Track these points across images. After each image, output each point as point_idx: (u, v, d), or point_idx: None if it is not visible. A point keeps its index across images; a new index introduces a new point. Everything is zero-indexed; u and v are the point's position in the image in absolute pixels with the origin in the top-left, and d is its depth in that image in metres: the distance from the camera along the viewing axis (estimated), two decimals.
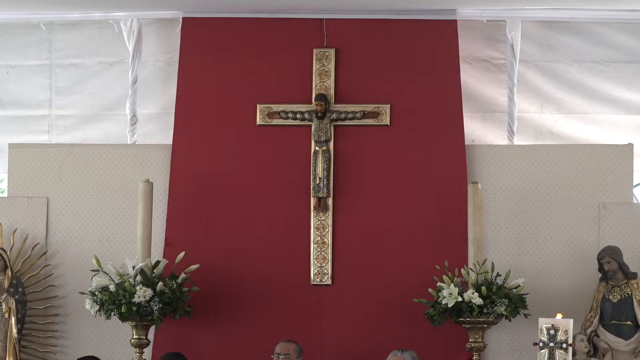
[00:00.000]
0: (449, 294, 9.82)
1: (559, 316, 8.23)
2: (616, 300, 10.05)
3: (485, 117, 11.24)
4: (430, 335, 10.14)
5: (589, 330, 10.02)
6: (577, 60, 11.24)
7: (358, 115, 10.73)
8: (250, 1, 10.67)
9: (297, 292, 10.61)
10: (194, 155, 10.85)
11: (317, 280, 10.59)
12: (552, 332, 7.69)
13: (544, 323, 7.82)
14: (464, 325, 9.94)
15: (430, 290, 9.99)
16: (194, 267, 10.12)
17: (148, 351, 10.16)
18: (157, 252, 10.42)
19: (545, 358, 7.67)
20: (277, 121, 10.80)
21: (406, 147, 10.75)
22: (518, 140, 11.06)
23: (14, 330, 10.30)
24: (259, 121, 10.80)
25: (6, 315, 10.34)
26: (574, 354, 8.19)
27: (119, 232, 10.78)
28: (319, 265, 10.61)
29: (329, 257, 10.63)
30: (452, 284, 9.87)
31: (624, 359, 10.01)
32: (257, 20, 10.90)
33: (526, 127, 11.20)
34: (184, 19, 11.00)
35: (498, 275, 9.93)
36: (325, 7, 10.77)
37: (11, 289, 10.38)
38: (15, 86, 11.48)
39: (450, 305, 9.81)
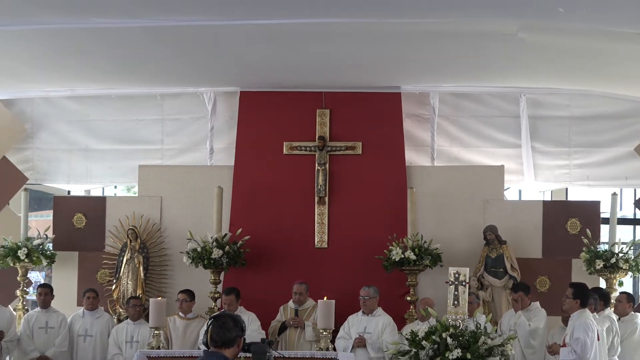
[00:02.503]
0: (396, 253, 10.11)
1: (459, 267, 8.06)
2: (494, 256, 10.31)
3: (418, 150, 11.31)
4: (385, 278, 10.27)
5: (478, 274, 10.34)
6: (473, 116, 11.34)
7: (343, 148, 10.84)
8: (278, 81, 10.68)
9: (307, 252, 10.77)
10: (247, 172, 10.90)
11: (319, 245, 10.77)
12: (456, 275, 7.55)
13: (451, 270, 7.67)
14: (405, 272, 10.24)
15: (385, 251, 10.26)
16: (246, 237, 10.40)
17: (220, 287, 10.40)
18: (225, 228, 10.62)
19: (452, 291, 7.46)
20: (295, 152, 10.87)
21: (371, 167, 10.86)
22: (437, 163, 11.16)
23: (142, 274, 10.61)
24: (284, 152, 10.92)
25: (137, 265, 10.60)
26: (469, 288, 7.95)
27: (203, 217, 10.80)
28: (319, 236, 10.78)
29: (326, 231, 10.75)
30: (398, 247, 10.13)
31: (498, 292, 10.32)
32: (283, 92, 10.97)
33: (442, 155, 11.28)
34: (241, 92, 11.12)
35: (425, 242, 10.24)
36: (324, 85, 10.83)
37: (140, 250, 10.73)
38: (142, 131, 11.62)
39: (396, 259, 10.10)
